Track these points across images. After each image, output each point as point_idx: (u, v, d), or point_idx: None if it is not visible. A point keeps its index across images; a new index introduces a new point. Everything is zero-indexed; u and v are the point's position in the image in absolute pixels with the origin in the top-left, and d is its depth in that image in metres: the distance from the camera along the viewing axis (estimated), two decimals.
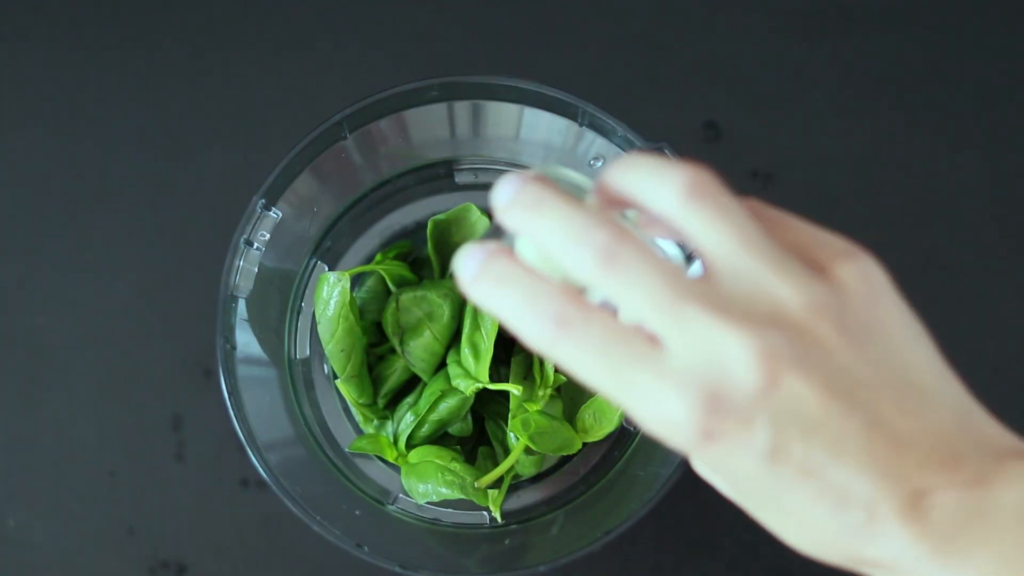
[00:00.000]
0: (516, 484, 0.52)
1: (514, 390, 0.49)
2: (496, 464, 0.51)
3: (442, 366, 0.51)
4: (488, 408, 0.52)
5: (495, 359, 0.50)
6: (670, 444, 0.28)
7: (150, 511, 0.58)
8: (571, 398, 0.52)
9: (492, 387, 0.49)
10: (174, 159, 0.60)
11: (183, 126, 0.61)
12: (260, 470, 0.46)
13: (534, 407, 0.50)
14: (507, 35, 0.61)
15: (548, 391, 0.51)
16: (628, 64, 0.61)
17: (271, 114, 0.61)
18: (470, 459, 0.51)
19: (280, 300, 0.52)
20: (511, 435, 0.50)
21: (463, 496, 0.48)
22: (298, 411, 0.51)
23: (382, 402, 0.52)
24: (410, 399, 0.51)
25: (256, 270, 0.48)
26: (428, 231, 0.51)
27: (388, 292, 0.52)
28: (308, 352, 0.53)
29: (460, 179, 0.54)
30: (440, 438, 0.51)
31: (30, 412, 0.59)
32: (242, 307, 0.48)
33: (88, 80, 0.61)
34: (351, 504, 0.50)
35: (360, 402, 0.51)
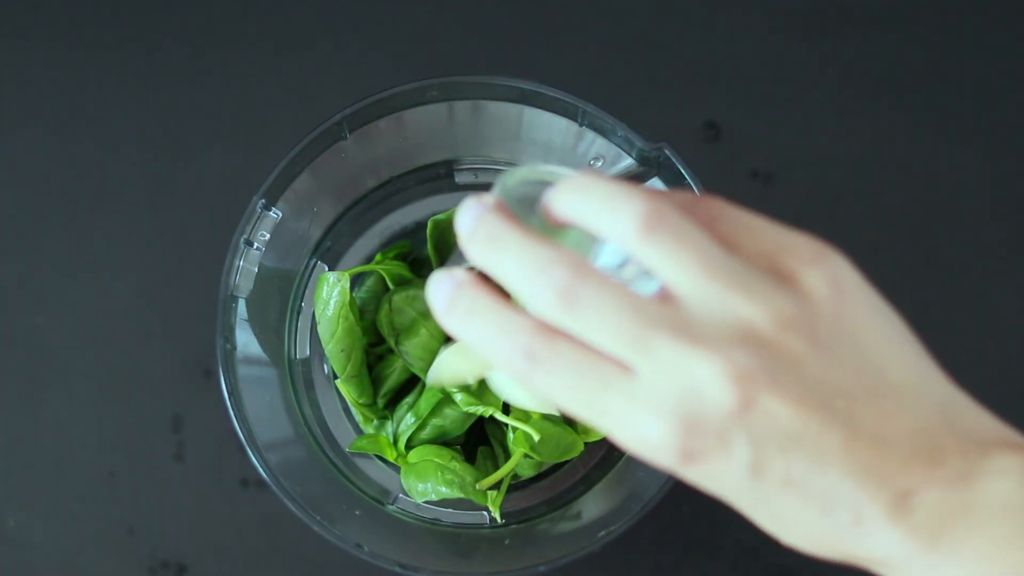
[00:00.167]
0: (516, 484, 0.52)
1: (528, 430, 0.48)
2: (496, 464, 0.51)
3: None
4: None
5: None
6: (653, 464, 0.28)
7: (150, 511, 0.58)
8: None
9: (501, 418, 0.49)
10: (174, 159, 0.60)
11: (183, 126, 0.61)
12: (260, 470, 0.46)
13: (535, 414, 0.50)
14: (507, 35, 0.61)
15: None
16: (628, 64, 0.61)
17: (271, 114, 0.61)
18: (470, 459, 0.51)
19: (280, 300, 0.52)
20: (511, 436, 0.50)
21: (462, 495, 0.48)
22: (298, 411, 0.51)
23: (382, 402, 0.52)
24: (409, 399, 0.51)
25: (256, 270, 0.48)
26: (428, 231, 0.51)
27: (388, 292, 0.52)
28: (308, 352, 0.53)
29: (460, 179, 0.54)
30: (437, 437, 0.51)
31: (30, 412, 0.59)
32: (242, 307, 0.48)
33: (88, 80, 0.61)
34: (351, 504, 0.50)
35: (360, 402, 0.51)
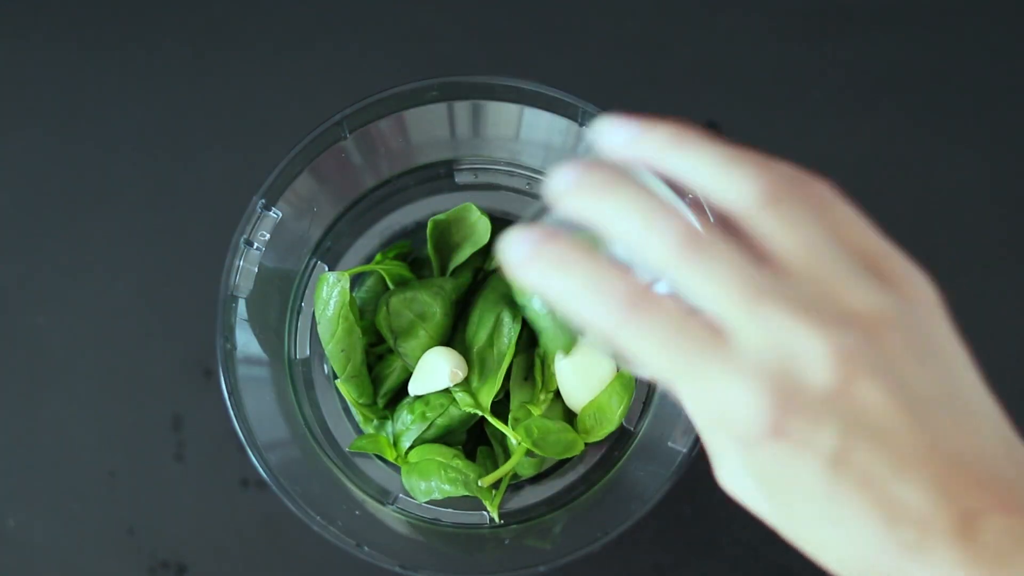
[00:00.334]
0: (516, 484, 0.52)
1: (514, 437, 0.49)
2: (496, 463, 0.51)
3: None
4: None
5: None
6: (725, 437, 0.27)
7: (150, 511, 0.58)
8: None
9: (492, 421, 0.49)
10: (174, 159, 0.60)
11: (183, 126, 0.61)
12: (260, 470, 0.46)
13: (536, 410, 0.50)
14: (507, 35, 0.61)
15: (549, 395, 0.51)
16: (628, 64, 0.61)
17: (271, 114, 0.61)
18: (470, 458, 0.51)
19: (280, 300, 0.52)
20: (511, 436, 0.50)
21: (466, 492, 0.47)
22: (298, 411, 0.51)
23: (382, 402, 0.52)
24: (409, 398, 0.51)
25: (256, 270, 0.48)
26: (428, 231, 0.51)
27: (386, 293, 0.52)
28: (308, 352, 0.53)
29: (460, 179, 0.54)
30: (440, 437, 0.51)
31: (30, 412, 0.59)
32: (242, 307, 0.48)
33: (88, 80, 0.61)
34: (351, 504, 0.50)
35: (360, 402, 0.51)
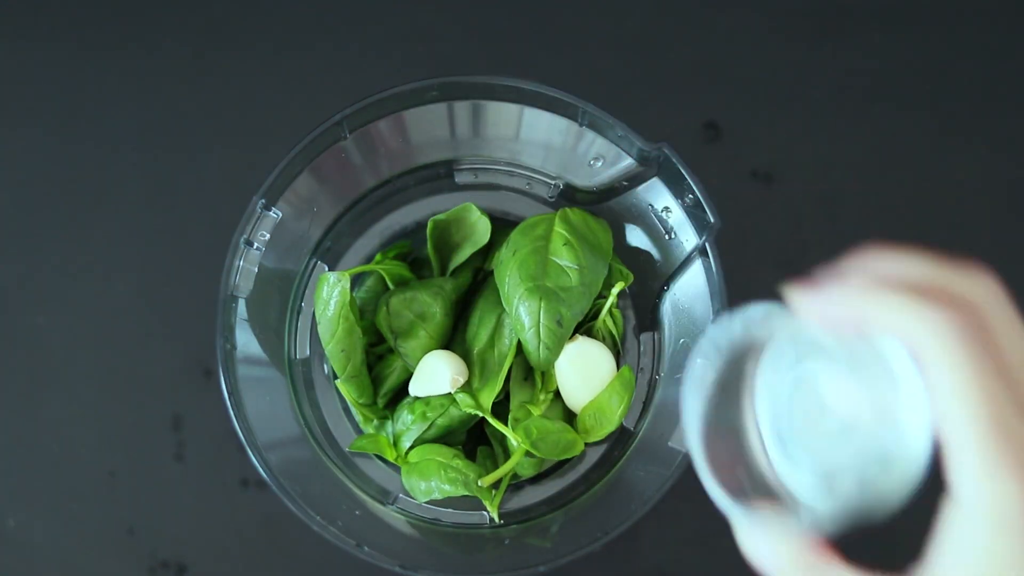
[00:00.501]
0: (516, 484, 0.52)
1: (514, 438, 0.49)
2: (496, 463, 0.51)
3: None
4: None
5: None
6: None
7: (150, 511, 0.58)
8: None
9: (493, 422, 0.49)
10: (174, 159, 0.60)
11: (183, 126, 0.61)
12: (260, 470, 0.46)
13: (536, 410, 0.50)
14: (507, 35, 0.61)
15: (549, 396, 0.51)
16: (628, 64, 0.61)
17: (271, 114, 0.61)
18: (470, 458, 0.51)
19: (280, 300, 0.52)
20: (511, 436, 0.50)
21: (466, 492, 0.47)
22: (298, 411, 0.51)
23: (382, 402, 0.52)
24: (410, 398, 0.51)
25: (256, 270, 0.48)
26: (428, 231, 0.51)
27: (386, 293, 0.52)
28: (308, 352, 0.53)
29: (460, 179, 0.54)
30: (440, 437, 0.51)
31: (30, 412, 0.59)
32: (242, 307, 0.48)
33: (88, 80, 0.61)
34: (351, 504, 0.50)
35: (360, 402, 0.51)
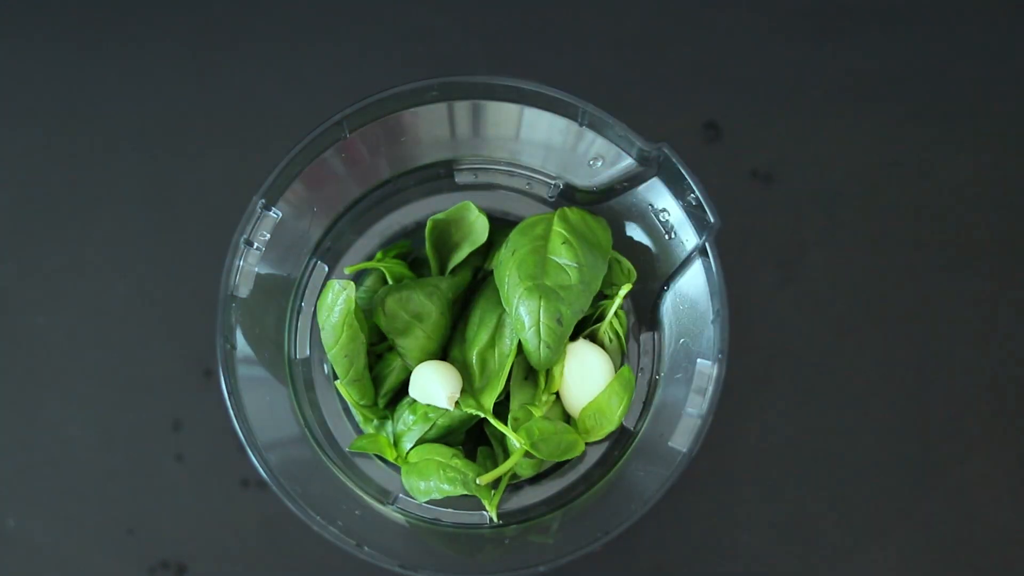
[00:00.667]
0: (516, 484, 0.52)
1: (516, 439, 0.49)
2: (496, 463, 0.51)
3: (444, 359, 0.51)
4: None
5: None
6: None
7: (150, 511, 0.58)
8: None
9: (495, 423, 0.49)
10: (174, 159, 0.60)
11: (183, 126, 0.61)
12: (260, 470, 0.46)
13: (537, 411, 0.50)
14: (507, 35, 0.61)
15: (551, 397, 0.51)
16: (628, 64, 0.61)
17: (271, 114, 0.61)
18: (470, 458, 0.51)
19: (280, 300, 0.52)
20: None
21: (465, 491, 0.47)
22: (298, 411, 0.51)
23: (382, 402, 0.51)
24: (410, 398, 0.51)
25: (256, 270, 0.48)
26: (427, 230, 0.51)
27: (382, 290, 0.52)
28: (308, 352, 0.53)
29: (460, 179, 0.54)
30: (440, 437, 0.51)
31: (30, 412, 0.59)
32: (242, 307, 0.48)
33: (88, 80, 0.61)
34: (351, 504, 0.50)
35: (361, 403, 0.51)
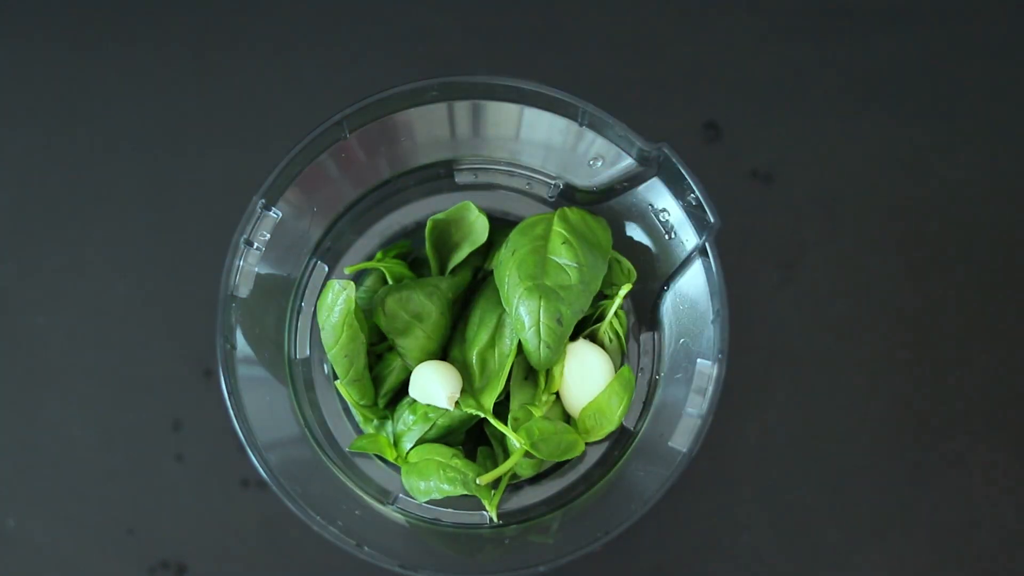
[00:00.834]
0: (516, 484, 0.52)
1: (516, 440, 0.49)
2: (496, 463, 0.51)
3: (444, 359, 0.51)
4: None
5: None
6: None
7: (150, 511, 0.58)
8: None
9: (495, 423, 0.49)
10: (174, 159, 0.60)
11: (183, 126, 0.61)
12: (260, 470, 0.46)
13: (537, 411, 0.50)
14: (507, 35, 0.61)
15: (552, 397, 0.51)
16: (628, 64, 0.61)
17: (271, 114, 0.61)
18: (470, 458, 0.51)
19: (280, 301, 0.52)
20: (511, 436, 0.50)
21: (465, 491, 0.47)
22: (298, 411, 0.51)
23: (382, 402, 0.51)
24: (409, 398, 0.51)
25: (256, 270, 0.48)
26: (427, 230, 0.51)
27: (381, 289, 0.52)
28: (308, 352, 0.53)
29: (460, 179, 0.54)
30: (440, 437, 0.51)
31: (30, 412, 0.59)
32: (242, 307, 0.48)
33: (88, 80, 0.61)
34: (351, 504, 0.50)
35: (361, 403, 0.51)
